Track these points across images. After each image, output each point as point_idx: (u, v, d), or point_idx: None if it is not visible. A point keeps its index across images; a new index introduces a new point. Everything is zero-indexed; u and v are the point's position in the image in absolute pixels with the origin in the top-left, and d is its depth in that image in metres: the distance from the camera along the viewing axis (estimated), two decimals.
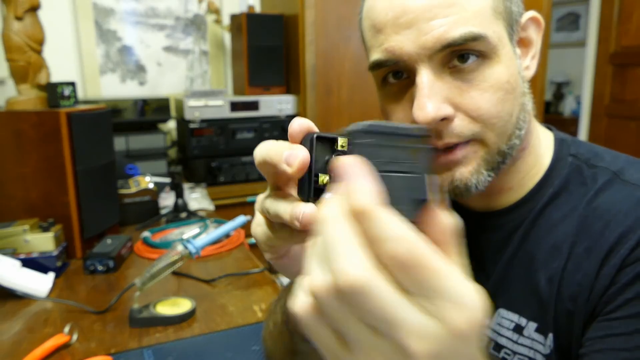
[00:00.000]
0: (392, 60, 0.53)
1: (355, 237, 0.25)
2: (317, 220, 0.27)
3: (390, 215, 0.25)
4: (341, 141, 0.31)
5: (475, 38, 0.50)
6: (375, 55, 0.54)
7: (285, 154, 0.31)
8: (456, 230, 0.28)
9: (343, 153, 0.31)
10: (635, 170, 0.56)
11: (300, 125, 0.34)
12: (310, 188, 0.31)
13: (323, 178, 0.31)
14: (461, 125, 0.52)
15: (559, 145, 0.62)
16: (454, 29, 0.50)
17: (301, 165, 0.30)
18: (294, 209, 0.31)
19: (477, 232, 0.63)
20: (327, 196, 0.28)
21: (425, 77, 0.51)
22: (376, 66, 0.55)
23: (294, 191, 0.37)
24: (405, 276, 0.24)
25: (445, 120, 0.52)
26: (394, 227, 0.24)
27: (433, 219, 0.28)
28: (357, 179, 0.26)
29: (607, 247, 0.52)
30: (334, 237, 0.25)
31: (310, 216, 0.30)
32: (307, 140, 0.32)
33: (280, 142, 0.33)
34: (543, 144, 0.62)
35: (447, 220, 0.28)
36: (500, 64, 0.52)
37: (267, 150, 0.32)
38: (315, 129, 0.34)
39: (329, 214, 0.26)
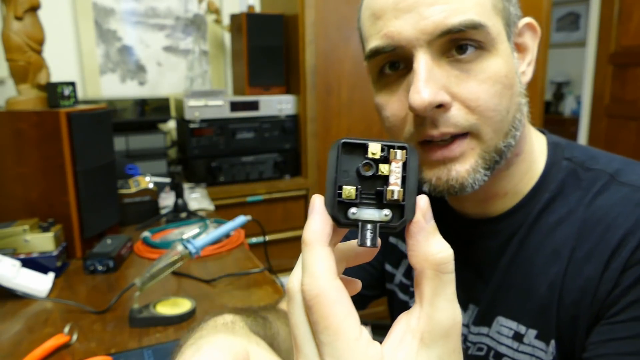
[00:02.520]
0: (390, 46, 0.52)
1: (300, 262, 0.29)
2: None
3: (319, 253, 0.27)
4: (373, 148, 0.28)
5: (475, 26, 0.49)
6: (373, 43, 0.53)
7: None
8: (443, 261, 0.27)
9: (374, 162, 0.28)
10: (631, 171, 0.56)
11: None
12: (334, 202, 0.28)
13: (348, 190, 0.28)
14: (458, 115, 0.51)
15: (552, 149, 0.61)
16: (454, 16, 0.49)
17: None
18: None
19: (474, 238, 0.63)
20: (352, 211, 0.28)
21: (422, 62, 0.50)
22: (374, 54, 0.54)
23: None
24: (310, 313, 0.27)
25: (442, 108, 0.51)
26: (313, 264, 0.27)
27: (415, 247, 0.28)
28: (311, 215, 0.28)
29: (609, 251, 0.51)
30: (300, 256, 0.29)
31: None
32: (334, 146, 0.28)
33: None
34: (536, 149, 0.61)
35: (432, 249, 0.27)
36: (498, 57, 0.52)
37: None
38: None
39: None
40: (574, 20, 4.25)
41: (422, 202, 0.28)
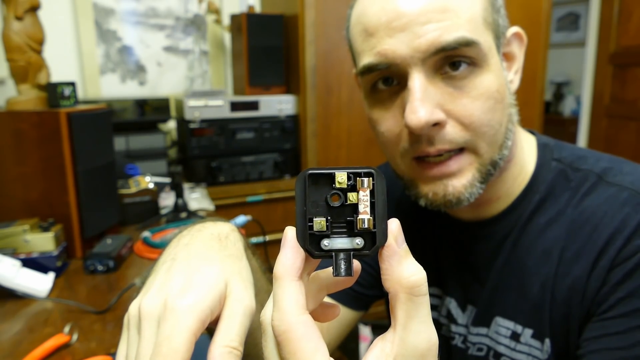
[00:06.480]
0: (384, 64, 0.52)
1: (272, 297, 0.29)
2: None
3: (288, 288, 0.28)
4: (339, 178, 0.28)
5: (468, 43, 0.50)
6: (367, 59, 0.53)
7: None
8: (416, 284, 0.27)
9: (341, 191, 0.28)
10: (618, 171, 0.57)
11: None
12: (305, 235, 0.28)
13: (319, 222, 0.28)
14: (453, 132, 0.52)
15: (542, 150, 0.62)
16: (448, 34, 0.50)
17: None
18: None
19: (469, 242, 0.64)
20: (325, 242, 0.28)
21: (417, 81, 0.50)
22: (367, 71, 0.54)
23: None
24: (279, 348, 0.27)
25: (437, 125, 0.51)
26: (282, 300, 0.27)
27: (388, 271, 0.28)
28: (282, 249, 0.28)
29: (597, 250, 0.53)
30: None
31: None
32: (300, 178, 0.28)
33: None
34: (526, 152, 0.62)
35: (404, 273, 0.27)
36: (490, 72, 0.52)
37: None
38: None
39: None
40: (574, 20, 4.25)
41: (394, 226, 0.28)
